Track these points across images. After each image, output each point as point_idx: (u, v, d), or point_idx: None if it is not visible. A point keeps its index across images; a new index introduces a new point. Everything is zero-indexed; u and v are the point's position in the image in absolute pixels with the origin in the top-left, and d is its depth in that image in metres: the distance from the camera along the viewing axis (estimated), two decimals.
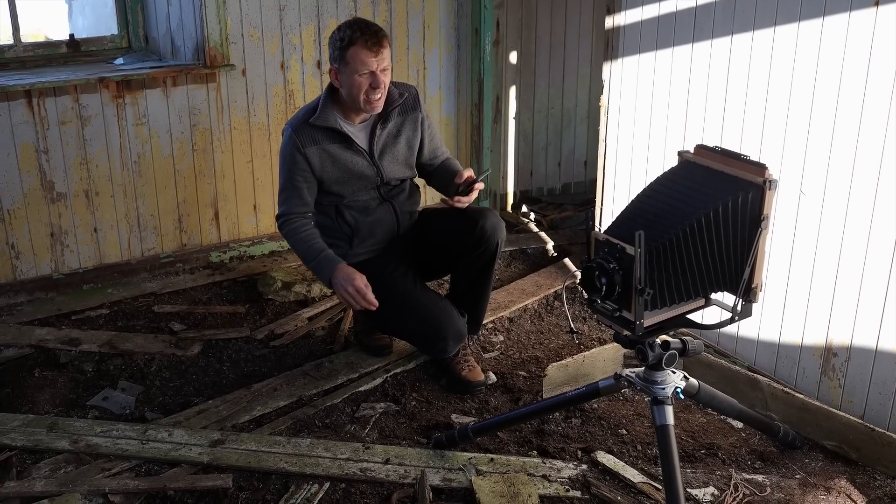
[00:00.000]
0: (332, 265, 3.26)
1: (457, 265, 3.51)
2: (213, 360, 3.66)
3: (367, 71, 3.17)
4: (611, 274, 2.40)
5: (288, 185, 3.37)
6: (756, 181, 2.47)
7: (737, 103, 3.41)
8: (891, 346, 3.02)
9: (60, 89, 3.97)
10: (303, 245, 3.35)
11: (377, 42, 3.16)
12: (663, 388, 2.63)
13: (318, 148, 3.31)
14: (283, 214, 3.39)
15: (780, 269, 3.34)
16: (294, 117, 3.40)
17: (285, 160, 3.35)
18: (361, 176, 3.39)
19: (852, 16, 2.94)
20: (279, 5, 4.35)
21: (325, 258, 3.29)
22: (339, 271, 3.23)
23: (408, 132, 3.46)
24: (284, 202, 3.39)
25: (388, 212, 3.49)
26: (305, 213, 3.39)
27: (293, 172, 3.33)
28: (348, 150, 3.35)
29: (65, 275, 4.19)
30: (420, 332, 3.42)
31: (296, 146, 3.29)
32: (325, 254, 3.30)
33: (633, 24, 3.80)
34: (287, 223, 3.37)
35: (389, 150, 3.43)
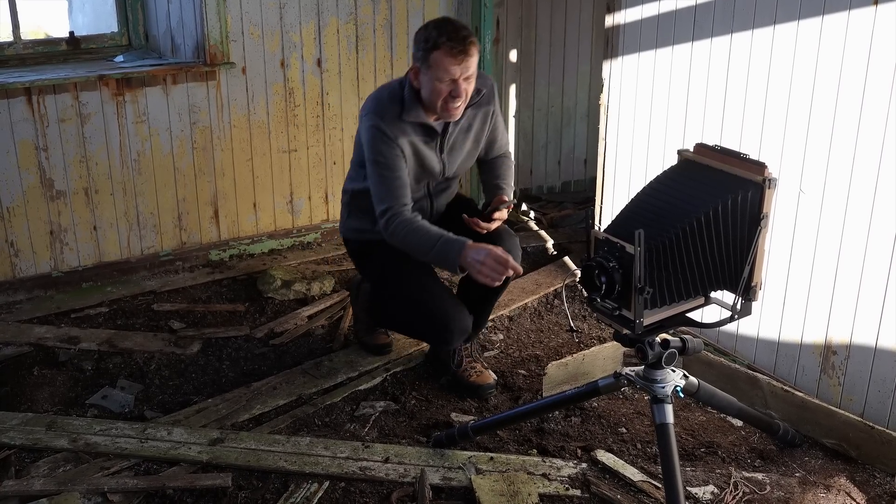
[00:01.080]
0: (459, 245, 2.99)
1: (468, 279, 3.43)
2: (213, 359, 3.66)
3: (449, 79, 3.00)
4: (610, 272, 2.40)
5: (389, 176, 3.12)
6: (756, 180, 2.46)
7: (736, 102, 3.40)
8: (890, 343, 3.02)
9: (60, 87, 3.96)
10: (419, 235, 3.08)
11: (464, 50, 2.96)
12: (663, 386, 2.63)
13: (406, 140, 3.14)
14: (388, 207, 3.12)
15: (780, 268, 3.34)
16: (376, 107, 3.17)
17: (381, 153, 3.11)
18: (430, 171, 3.27)
19: (851, 14, 2.94)
20: (279, 3, 4.35)
21: (447, 242, 3.02)
22: (472, 250, 2.95)
23: (477, 126, 3.32)
24: (388, 194, 3.13)
25: (425, 207, 3.35)
26: (408, 202, 3.16)
27: (393, 162, 3.11)
28: (428, 144, 3.21)
29: (64, 273, 4.18)
30: (427, 321, 3.31)
31: (391, 139, 3.10)
32: (444, 238, 3.04)
33: (633, 22, 3.80)
34: (396, 217, 3.11)
35: (459, 146, 3.30)
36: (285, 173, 4.60)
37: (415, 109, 3.12)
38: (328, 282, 4.25)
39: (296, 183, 4.65)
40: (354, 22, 4.56)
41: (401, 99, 3.15)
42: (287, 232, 4.70)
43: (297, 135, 4.57)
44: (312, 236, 4.76)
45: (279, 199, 4.63)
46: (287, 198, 4.65)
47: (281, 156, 4.56)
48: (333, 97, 4.61)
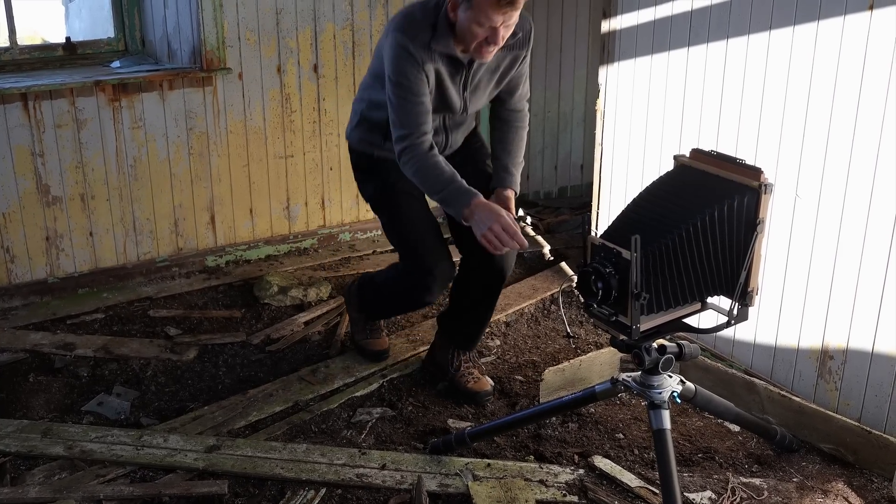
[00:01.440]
0: (469, 197, 2.89)
1: (459, 288, 3.42)
2: (209, 365, 3.65)
3: (490, 26, 2.80)
4: (607, 278, 2.40)
5: (411, 100, 2.95)
6: (752, 185, 2.47)
7: (732, 107, 3.41)
8: (887, 348, 3.02)
9: (56, 92, 3.96)
10: (433, 172, 2.96)
11: (512, 3, 2.75)
12: (660, 392, 2.63)
13: (433, 66, 2.95)
14: (408, 134, 2.97)
15: (776, 273, 3.34)
16: (406, 25, 2.95)
17: (406, 75, 2.92)
18: (450, 105, 3.10)
19: (847, 19, 2.95)
20: (276, 9, 4.35)
21: (458, 189, 2.93)
22: (481, 206, 2.86)
23: (504, 68, 3.13)
24: (409, 120, 2.97)
25: (440, 141, 3.18)
26: (429, 131, 3.01)
27: (416, 86, 2.93)
28: (452, 77, 3.03)
29: (60, 279, 4.18)
30: (410, 261, 3.29)
31: (419, 63, 2.91)
32: (457, 184, 2.93)
33: (629, 27, 3.80)
34: (414, 147, 2.97)
35: (483, 86, 3.14)
36: (282, 179, 4.60)
37: (445, 39, 2.93)
38: (325, 288, 4.25)
39: (292, 189, 4.65)
40: (351, 28, 4.56)
41: (433, 24, 2.93)
42: (283, 238, 4.69)
43: (293, 140, 4.57)
44: (309, 242, 4.76)
45: (276, 204, 4.62)
46: (283, 203, 4.65)
47: (277, 161, 4.56)
48: (330, 103, 4.61)
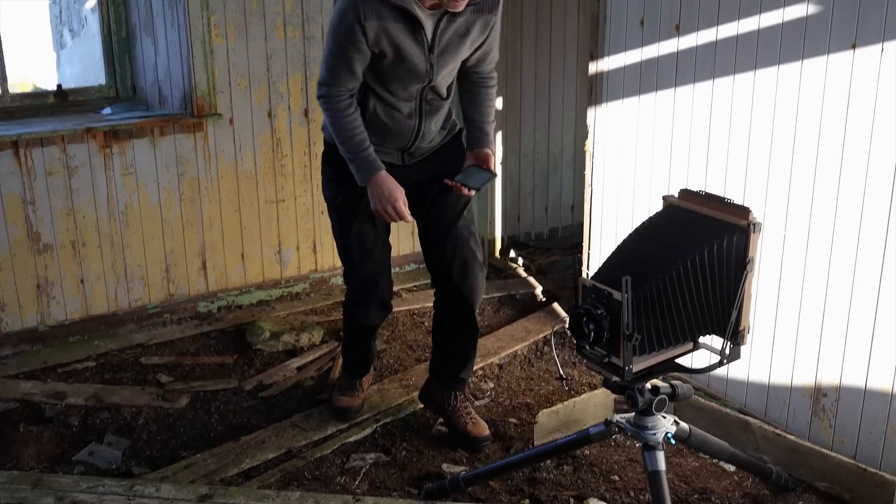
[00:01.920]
0: (373, 170, 2.96)
1: (437, 327, 3.47)
2: (201, 413, 3.63)
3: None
4: (599, 320, 2.40)
5: (338, 54, 2.87)
6: (740, 224, 2.48)
7: (720, 147, 3.43)
8: (880, 384, 3.02)
9: (48, 139, 3.97)
10: (345, 131, 2.96)
11: None
12: (654, 433, 2.62)
13: (378, 23, 2.79)
14: (327, 84, 2.93)
15: (767, 311, 3.34)
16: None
17: (340, 27, 2.82)
18: (412, 70, 2.94)
19: (830, 59, 2.98)
20: (266, 54, 4.38)
21: (366, 159, 2.97)
22: (381, 182, 2.96)
23: (475, 34, 2.98)
24: (330, 72, 2.91)
25: (410, 127, 3.09)
26: (352, 90, 2.95)
27: (347, 42, 2.82)
28: (410, 36, 2.86)
29: (51, 327, 4.16)
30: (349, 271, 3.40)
31: (356, 16, 2.77)
32: (366, 153, 2.97)
33: (616, 69, 3.83)
34: (332, 99, 2.94)
35: (451, 50, 2.96)
36: (273, 224, 4.61)
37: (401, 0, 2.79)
38: (317, 332, 4.24)
39: (284, 233, 4.65)
40: None
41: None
42: (275, 283, 4.69)
43: (284, 185, 4.58)
44: (301, 287, 4.75)
45: (267, 249, 4.63)
46: (275, 248, 4.65)
47: (269, 206, 4.57)
48: (321, 147, 4.61)
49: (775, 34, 3.15)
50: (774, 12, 3.14)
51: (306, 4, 4.43)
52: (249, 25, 4.30)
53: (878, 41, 2.84)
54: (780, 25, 3.13)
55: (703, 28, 3.41)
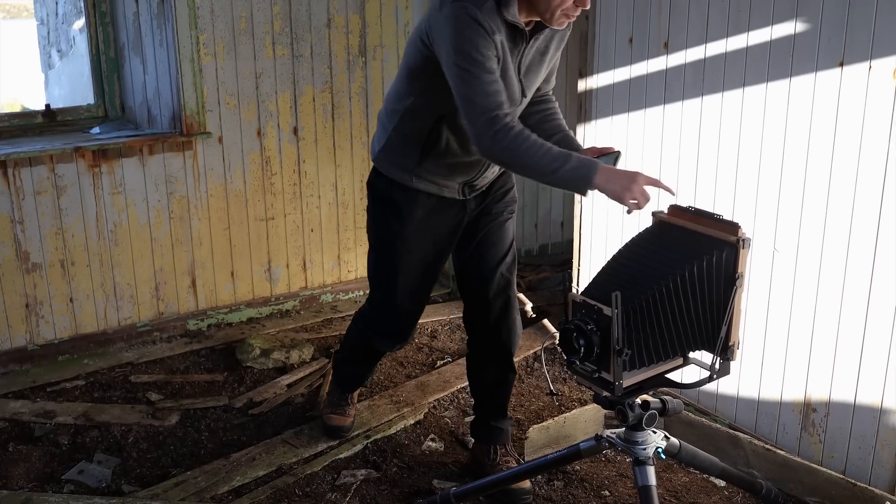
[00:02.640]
0: (594, 166, 2.51)
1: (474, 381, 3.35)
2: (192, 430, 3.62)
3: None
4: (589, 335, 2.40)
5: (489, 80, 2.52)
6: (730, 240, 2.49)
7: (709, 163, 3.45)
8: (869, 399, 3.03)
9: (36, 159, 3.97)
10: (540, 148, 2.54)
11: None
12: (644, 448, 2.62)
13: (501, 40, 2.55)
14: (495, 114, 2.52)
15: (757, 327, 3.35)
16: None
17: (473, 45, 2.49)
18: (511, 93, 2.68)
19: (818, 76, 3.01)
20: (255, 73, 4.39)
21: (579, 159, 2.54)
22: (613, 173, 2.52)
23: (552, 52, 2.79)
24: (490, 98, 2.52)
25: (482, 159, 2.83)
26: (510, 109, 2.59)
27: (489, 63, 2.51)
28: (512, 53, 2.63)
29: (40, 346, 4.14)
30: (379, 315, 3.22)
31: (488, 32, 2.50)
32: (575, 155, 2.55)
33: (605, 86, 3.86)
34: (508, 128, 2.52)
35: (534, 69, 2.76)
36: (263, 241, 4.61)
37: (513, 8, 2.55)
38: (307, 350, 4.23)
39: (273, 251, 4.65)
40: (330, 90, 4.61)
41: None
42: (265, 300, 4.69)
43: (274, 203, 4.58)
44: (291, 304, 4.75)
45: (257, 267, 4.62)
46: (265, 266, 4.65)
47: (258, 224, 4.57)
48: (310, 165, 4.64)
49: (764, 52, 3.18)
50: (763, 30, 3.17)
51: (295, 23, 4.45)
52: (238, 44, 4.32)
53: (865, 59, 2.87)
54: (769, 43, 3.16)
55: (692, 46, 3.44)
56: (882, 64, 2.83)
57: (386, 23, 4.70)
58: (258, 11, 4.32)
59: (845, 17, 2.90)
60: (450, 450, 3.52)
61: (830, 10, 2.94)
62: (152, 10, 4.22)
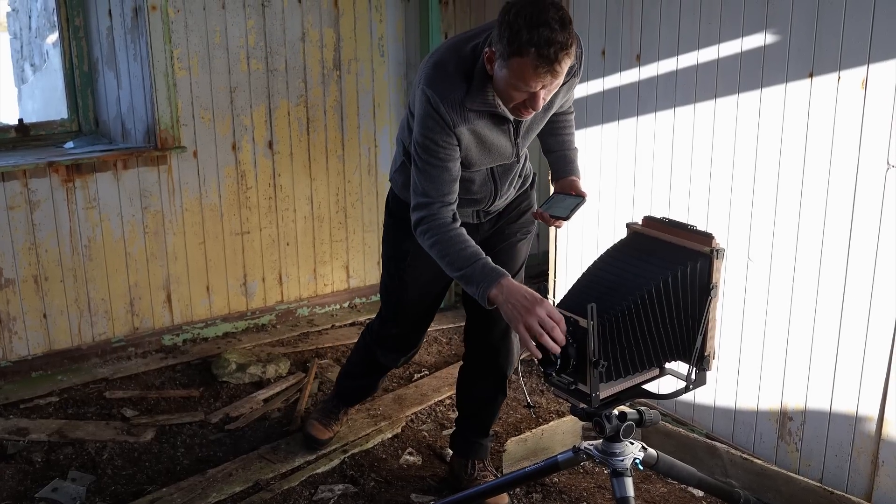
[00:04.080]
0: (495, 276, 2.49)
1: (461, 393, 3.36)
2: (167, 446, 3.59)
3: (528, 91, 2.44)
4: (565, 347, 2.40)
5: (436, 165, 2.60)
6: (703, 251, 2.50)
7: (682, 174, 3.47)
8: (844, 407, 3.05)
9: (9, 174, 3.94)
10: (455, 245, 2.58)
11: (550, 69, 2.36)
12: (622, 459, 2.62)
13: (468, 128, 2.59)
14: (429, 203, 2.62)
15: (733, 336, 3.37)
16: (437, 79, 2.56)
17: (431, 137, 2.57)
18: (498, 154, 2.75)
19: (789, 87, 3.03)
20: (230, 87, 4.38)
21: (484, 267, 2.52)
22: (509, 289, 2.45)
23: (559, 100, 2.80)
24: (432, 186, 2.61)
25: (487, 193, 2.88)
26: (453, 201, 2.65)
27: (443, 154, 2.59)
28: (496, 128, 2.67)
29: (13, 362, 4.10)
30: (385, 332, 3.27)
31: (448, 126, 2.55)
32: (483, 262, 2.54)
33: (579, 98, 3.87)
34: (434, 218, 2.61)
35: (535, 125, 2.79)
36: (238, 255, 4.59)
37: (481, 96, 2.56)
38: (283, 364, 4.21)
39: (249, 265, 4.63)
40: (305, 104, 4.60)
41: (468, 74, 2.56)
42: (241, 315, 4.66)
43: (249, 217, 4.57)
44: (267, 318, 4.73)
45: (232, 281, 4.60)
46: (240, 280, 4.63)
47: (234, 238, 4.55)
48: (285, 178, 4.63)
49: (734, 63, 3.21)
50: (733, 42, 3.19)
51: (269, 38, 4.44)
52: (213, 59, 4.31)
53: (834, 69, 2.90)
54: (740, 55, 3.18)
55: (664, 58, 3.46)
56: (851, 74, 2.86)
57: (360, 37, 4.71)
58: (232, 26, 4.32)
59: (814, 28, 2.93)
60: (427, 463, 3.51)
61: (799, 22, 2.97)
62: (126, 25, 4.20)
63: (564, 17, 2.36)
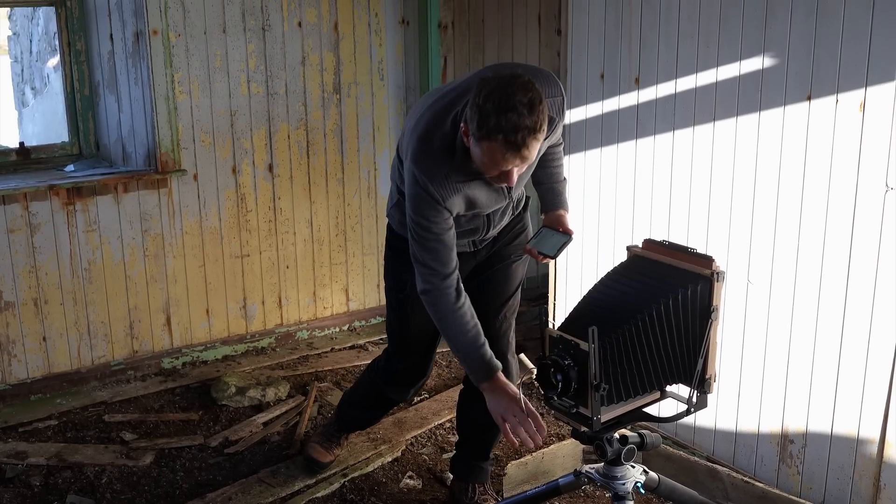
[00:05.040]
0: (487, 374, 2.69)
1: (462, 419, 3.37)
2: (166, 470, 3.58)
3: (499, 170, 2.51)
4: (566, 370, 2.40)
5: (433, 242, 2.68)
6: (704, 273, 2.50)
7: (682, 197, 3.48)
8: (845, 430, 3.04)
9: (10, 197, 3.95)
10: (458, 326, 2.71)
11: (518, 154, 2.42)
12: (623, 483, 2.62)
13: (459, 196, 2.67)
14: (436, 276, 2.70)
15: (733, 359, 3.37)
16: (423, 157, 2.64)
17: (423, 214, 2.65)
18: (491, 206, 2.84)
19: (787, 109, 3.05)
20: (230, 111, 4.40)
21: (481, 359, 2.70)
22: (495, 389, 2.68)
23: (545, 149, 2.86)
24: (435, 261, 2.70)
25: (479, 226, 2.93)
26: (454, 272, 2.72)
27: (438, 229, 2.67)
28: (487, 186, 2.73)
29: (12, 385, 4.09)
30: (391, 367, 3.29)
31: (438, 203, 2.62)
32: (481, 352, 2.70)
33: (578, 122, 3.89)
34: (442, 291, 2.70)
35: (526, 173, 2.84)
36: (238, 278, 4.59)
37: (465, 167, 2.62)
38: (283, 387, 4.21)
39: (249, 288, 4.63)
40: (305, 127, 4.62)
41: (451, 148, 2.63)
42: (241, 338, 4.66)
43: (249, 240, 4.57)
44: (266, 341, 4.72)
45: (232, 304, 4.60)
46: (240, 303, 4.62)
47: (234, 261, 4.56)
48: (285, 202, 4.64)
49: (733, 86, 3.22)
50: (731, 65, 3.21)
51: (270, 61, 4.46)
52: (213, 82, 4.33)
53: (832, 92, 2.91)
54: (738, 78, 3.20)
55: (663, 81, 3.48)
56: (849, 97, 2.87)
57: (360, 61, 4.73)
58: (233, 50, 4.34)
59: (812, 51, 2.95)
60: (428, 487, 3.49)
61: (797, 45, 2.99)
62: (127, 49, 4.22)
63: (534, 98, 2.39)
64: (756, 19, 3.11)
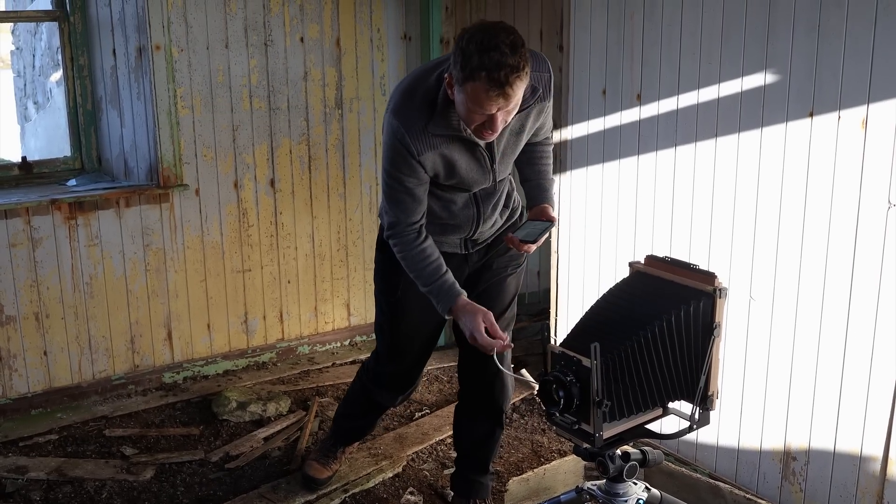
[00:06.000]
0: (452, 297, 2.76)
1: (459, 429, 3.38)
2: (167, 485, 3.57)
3: (484, 112, 2.50)
4: (568, 387, 2.39)
5: (400, 189, 2.74)
6: (706, 290, 2.50)
7: (684, 213, 3.48)
8: (848, 447, 3.04)
9: (12, 212, 3.95)
10: (419, 262, 2.79)
11: (502, 92, 2.42)
12: (625, 500, 2.60)
13: (433, 153, 2.68)
14: (397, 223, 2.80)
15: (735, 376, 3.36)
16: (403, 108, 2.67)
17: (395, 165, 2.70)
18: (473, 180, 2.83)
19: (789, 126, 3.05)
20: (233, 126, 4.40)
21: (442, 286, 2.78)
22: (462, 309, 2.74)
23: (530, 125, 2.84)
24: (397, 208, 2.78)
25: (470, 217, 2.94)
26: (419, 221, 2.81)
27: (406, 177, 2.71)
28: (468, 152, 2.74)
29: (12, 400, 4.09)
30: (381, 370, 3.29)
31: (410, 154, 2.66)
32: (443, 280, 2.78)
33: (580, 137, 3.89)
34: (402, 234, 2.80)
35: (510, 150, 2.85)
36: (239, 293, 4.59)
37: (445, 121, 2.65)
38: (284, 402, 4.20)
39: (250, 303, 4.63)
40: (307, 142, 4.63)
41: (433, 101, 2.65)
42: (242, 352, 4.65)
43: (250, 254, 4.57)
44: (267, 356, 4.72)
45: (233, 319, 4.60)
46: (241, 318, 4.62)
47: (235, 276, 4.56)
48: (287, 216, 4.64)
49: (735, 103, 3.23)
50: (733, 82, 3.22)
51: (272, 77, 4.48)
52: (216, 97, 4.34)
53: (834, 109, 2.91)
54: (740, 94, 3.20)
55: (664, 97, 3.49)
56: (851, 114, 2.88)
57: (362, 75, 4.74)
58: (235, 65, 4.35)
59: (814, 68, 2.96)
60: (429, 503, 3.48)
61: (799, 62, 3.00)
62: (130, 64, 4.23)
63: (516, 41, 2.42)
64: (758, 36, 3.12)
